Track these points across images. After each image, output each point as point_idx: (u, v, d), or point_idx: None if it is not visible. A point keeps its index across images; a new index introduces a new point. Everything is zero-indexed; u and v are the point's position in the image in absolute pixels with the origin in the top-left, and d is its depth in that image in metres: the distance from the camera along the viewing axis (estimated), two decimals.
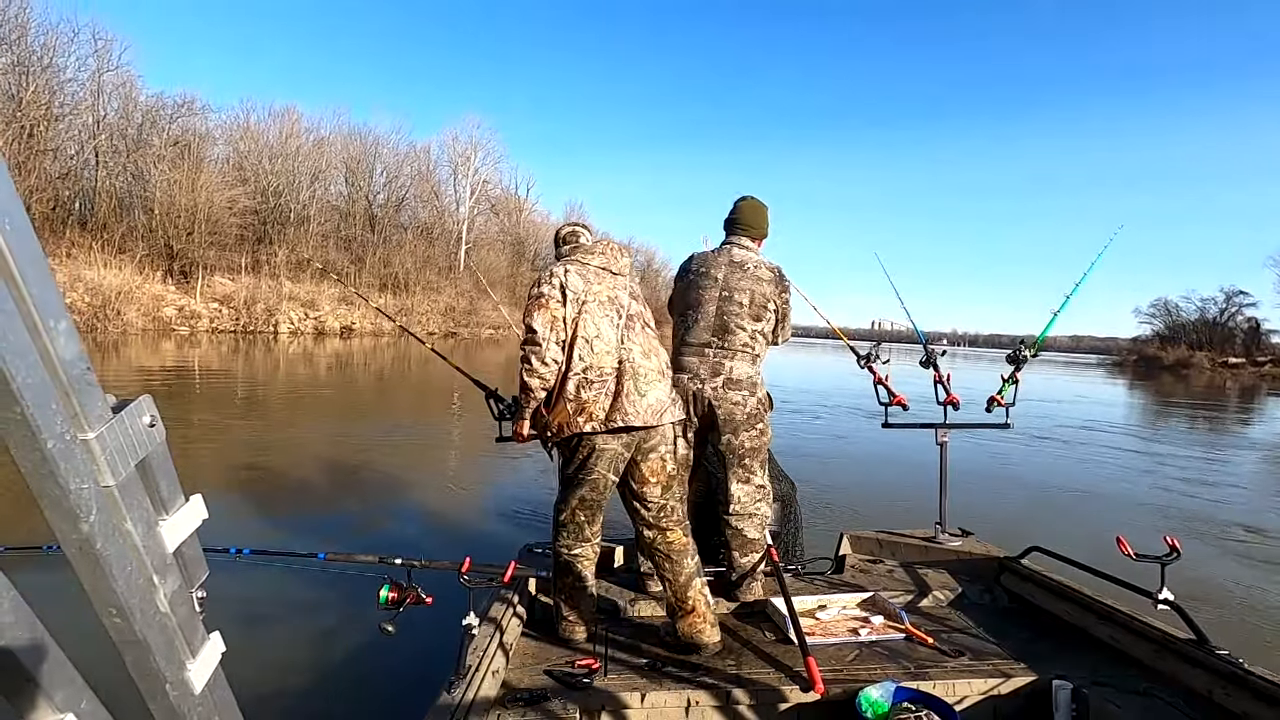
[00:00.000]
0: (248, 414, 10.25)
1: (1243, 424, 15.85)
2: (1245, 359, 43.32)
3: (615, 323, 2.22)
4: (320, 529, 4.76)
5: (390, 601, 1.94)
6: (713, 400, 2.62)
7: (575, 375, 2.14)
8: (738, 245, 2.79)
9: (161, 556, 0.47)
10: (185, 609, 0.49)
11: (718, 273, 2.72)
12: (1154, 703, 1.91)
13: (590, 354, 2.15)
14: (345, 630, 3.16)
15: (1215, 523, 5.67)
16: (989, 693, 2.05)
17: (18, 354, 0.35)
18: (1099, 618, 2.35)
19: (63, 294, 0.40)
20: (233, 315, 28.11)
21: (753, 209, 2.85)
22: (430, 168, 45.22)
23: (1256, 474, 8.69)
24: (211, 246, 29.33)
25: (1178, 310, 51.38)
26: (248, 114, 36.52)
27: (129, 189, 28.95)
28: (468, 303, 39.34)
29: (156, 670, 0.46)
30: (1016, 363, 3.24)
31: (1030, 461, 8.07)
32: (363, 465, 7.14)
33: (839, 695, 1.99)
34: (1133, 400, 20.98)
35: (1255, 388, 30.65)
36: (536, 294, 2.20)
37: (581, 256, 2.30)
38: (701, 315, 2.69)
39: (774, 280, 2.72)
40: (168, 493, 0.50)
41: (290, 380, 15.34)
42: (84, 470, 0.39)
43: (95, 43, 28.20)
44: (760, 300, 2.68)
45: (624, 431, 2.18)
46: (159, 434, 0.47)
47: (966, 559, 2.99)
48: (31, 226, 0.37)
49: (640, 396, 2.17)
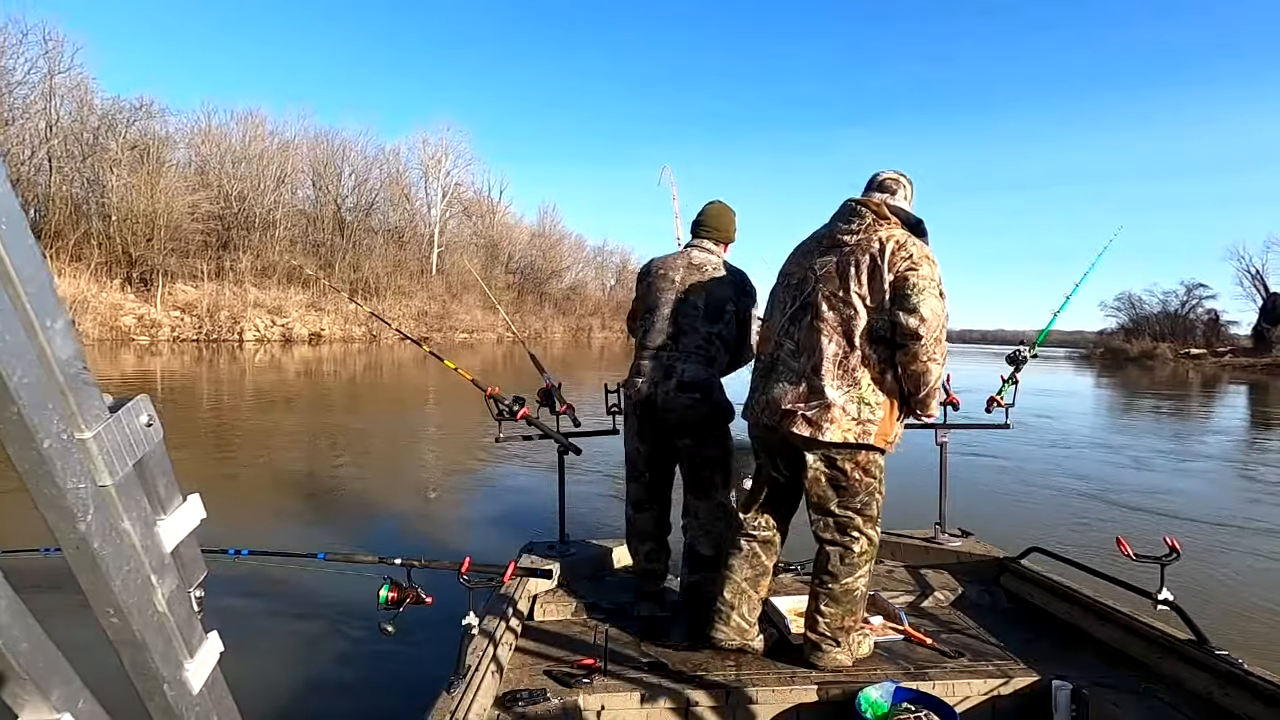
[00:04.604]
0: (245, 416, 10.26)
1: (1218, 415, 16.09)
2: (1206, 350, 44.19)
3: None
4: (320, 529, 4.76)
5: (390, 601, 1.94)
6: (665, 403, 2.50)
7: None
8: (699, 248, 2.69)
9: (159, 556, 0.47)
10: (183, 609, 0.49)
11: (675, 275, 2.63)
12: (1154, 703, 1.91)
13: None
14: (345, 630, 3.17)
15: (1215, 521, 5.67)
16: (989, 693, 2.05)
17: (14, 353, 0.35)
18: (1099, 618, 2.35)
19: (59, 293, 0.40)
20: (195, 323, 27.62)
21: (718, 213, 2.75)
22: (400, 170, 45.05)
23: (1248, 467, 8.69)
24: (172, 253, 28.79)
25: (1141, 303, 52.43)
26: (209, 117, 36.07)
27: (85, 194, 28.36)
28: (440, 307, 39.14)
29: (154, 670, 0.46)
30: (1016, 363, 3.23)
31: (1030, 461, 8.07)
32: (361, 466, 7.15)
33: (839, 695, 1.99)
34: (1110, 394, 21.13)
35: (1217, 377, 31.05)
36: (940, 279, 2.09)
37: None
38: (657, 318, 2.60)
39: (732, 283, 2.61)
40: (165, 492, 0.50)
41: (280, 388, 15.36)
42: (81, 470, 0.39)
43: (46, 44, 27.62)
44: (716, 302, 2.56)
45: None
46: (156, 433, 0.47)
47: (966, 559, 2.99)
48: (27, 225, 0.37)
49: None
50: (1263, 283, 44.80)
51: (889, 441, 2.14)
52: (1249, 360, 39.01)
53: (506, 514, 5.26)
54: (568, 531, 3.02)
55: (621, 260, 66.64)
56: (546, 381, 3.03)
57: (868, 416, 2.07)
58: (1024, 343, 3.34)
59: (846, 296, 2.09)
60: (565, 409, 3.00)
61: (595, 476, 6.34)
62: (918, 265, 2.04)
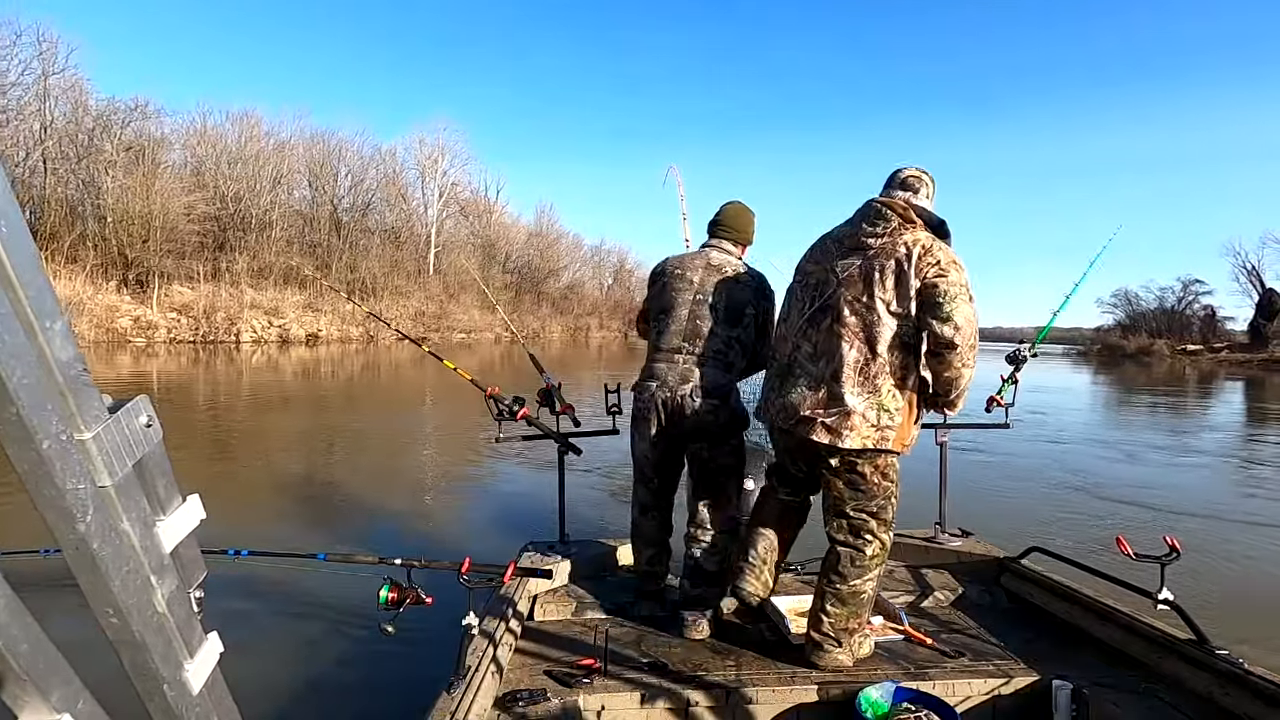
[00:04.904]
0: (243, 417, 10.27)
1: (1215, 411, 16.12)
2: (1203, 345, 44.28)
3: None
4: (320, 529, 4.76)
5: (390, 601, 1.94)
6: (681, 409, 2.44)
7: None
8: (717, 249, 2.62)
9: (159, 557, 0.47)
10: (183, 609, 0.49)
11: (693, 275, 2.55)
12: (1154, 703, 1.91)
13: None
14: (345, 630, 3.17)
15: (1213, 521, 5.67)
16: (989, 693, 2.05)
17: (13, 354, 0.35)
18: (1099, 618, 2.35)
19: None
20: (192, 325, 27.40)
21: (737, 213, 2.69)
22: (397, 170, 44.89)
23: (1248, 463, 8.69)
24: (168, 254, 28.62)
25: (1138, 299, 52.37)
26: (205, 118, 35.93)
27: (80, 196, 28.14)
28: (437, 306, 38.93)
29: (154, 670, 0.46)
30: (1016, 362, 3.23)
31: (1030, 461, 8.07)
32: (361, 466, 7.16)
33: (839, 695, 1.99)
34: (1107, 391, 21.20)
35: (1213, 373, 31.13)
36: (969, 283, 2.05)
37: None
38: (673, 319, 2.53)
39: (753, 286, 2.54)
40: (165, 493, 0.50)
41: (278, 388, 15.36)
42: (80, 470, 0.39)
43: (40, 45, 27.43)
44: (736, 305, 2.49)
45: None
46: (156, 434, 0.47)
47: (966, 559, 2.99)
48: (27, 227, 0.37)
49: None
50: (1259, 278, 44.70)
51: (905, 445, 2.14)
52: (1245, 356, 39.02)
53: (506, 514, 5.26)
54: (568, 531, 3.02)
55: (619, 260, 66.76)
56: (546, 381, 3.03)
57: (886, 423, 2.05)
58: (1023, 341, 3.34)
59: (870, 302, 2.05)
60: (565, 409, 3.00)
61: (595, 476, 6.33)
62: (946, 271, 2.01)
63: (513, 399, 2.95)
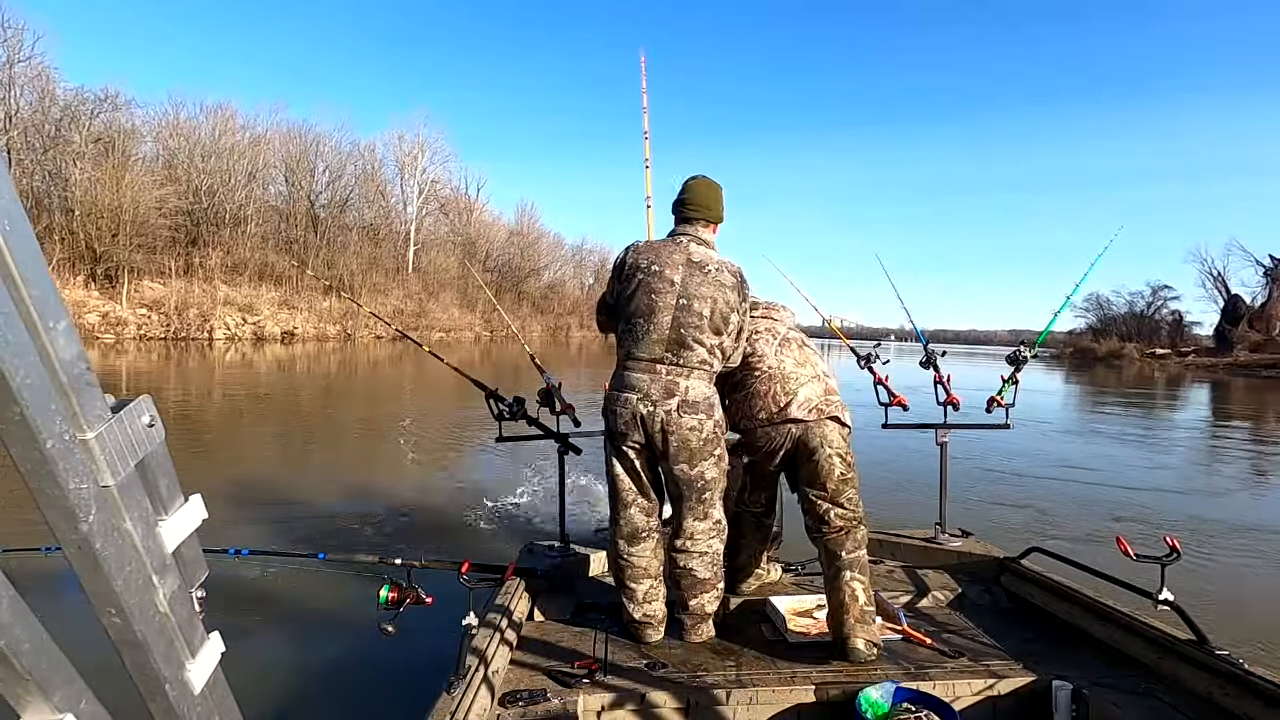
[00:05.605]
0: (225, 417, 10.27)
1: (1192, 414, 16.42)
2: (1171, 350, 45.05)
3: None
4: (320, 529, 4.76)
5: (390, 602, 1.95)
6: (665, 425, 2.24)
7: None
8: (694, 239, 2.39)
9: (161, 556, 0.47)
10: (185, 609, 0.49)
11: (674, 274, 2.30)
12: (1154, 703, 1.91)
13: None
14: (345, 630, 3.16)
15: (1213, 520, 5.67)
16: (989, 693, 2.05)
17: (17, 354, 0.35)
18: (1099, 618, 2.35)
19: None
20: (163, 321, 26.65)
21: (706, 188, 2.45)
22: (376, 166, 43.83)
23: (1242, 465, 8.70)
24: (139, 249, 27.69)
25: (1109, 304, 53.16)
26: (177, 110, 34.69)
27: (46, 188, 27.05)
28: (416, 305, 38.29)
29: (155, 670, 0.47)
30: (1016, 363, 3.24)
31: (1030, 461, 8.07)
32: (361, 466, 7.15)
33: (838, 695, 1.99)
34: (1084, 394, 21.32)
35: (1181, 376, 31.62)
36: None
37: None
38: (654, 326, 2.28)
39: (737, 287, 2.37)
40: (167, 493, 0.50)
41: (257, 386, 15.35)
42: (83, 470, 0.39)
43: (4, 31, 26.08)
44: (723, 311, 2.31)
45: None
46: (158, 434, 0.47)
47: (966, 559, 2.99)
48: (31, 227, 0.37)
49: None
50: (1224, 284, 45.50)
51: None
52: (1211, 360, 39.57)
53: (506, 514, 5.25)
54: (568, 531, 3.02)
55: (600, 259, 65.59)
56: (546, 382, 3.03)
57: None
58: (1024, 343, 3.34)
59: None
60: (565, 409, 2.99)
61: (596, 476, 6.33)
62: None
63: (513, 399, 2.95)
